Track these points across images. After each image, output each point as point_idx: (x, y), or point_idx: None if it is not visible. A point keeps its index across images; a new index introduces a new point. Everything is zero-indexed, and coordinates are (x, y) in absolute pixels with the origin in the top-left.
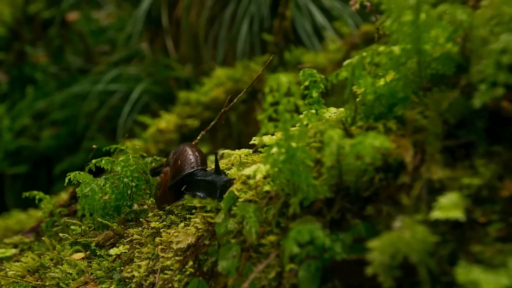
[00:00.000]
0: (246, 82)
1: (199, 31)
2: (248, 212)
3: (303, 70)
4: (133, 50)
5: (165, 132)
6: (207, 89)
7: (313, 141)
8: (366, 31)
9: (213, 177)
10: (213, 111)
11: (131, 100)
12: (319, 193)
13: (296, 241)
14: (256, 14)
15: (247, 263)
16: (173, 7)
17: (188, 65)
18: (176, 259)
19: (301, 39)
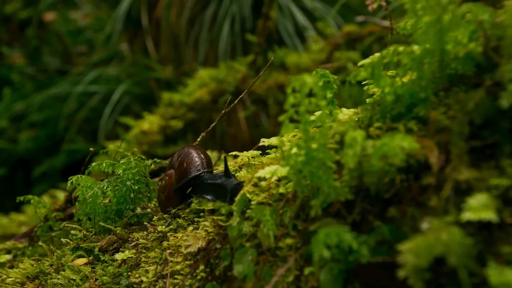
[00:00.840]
0: (230, 83)
1: (180, 32)
2: (265, 215)
3: (316, 71)
4: (113, 50)
5: (148, 134)
6: (191, 90)
7: (331, 142)
8: (349, 32)
9: (222, 180)
10: (197, 112)
11: (112, 101)
12: (340, 195)
13: (325, 244)
14: (237, 15)
15: (265, 267)
16: (153, 7)
17: (169, 66)
18: (186, 263)
19: (283, 39)
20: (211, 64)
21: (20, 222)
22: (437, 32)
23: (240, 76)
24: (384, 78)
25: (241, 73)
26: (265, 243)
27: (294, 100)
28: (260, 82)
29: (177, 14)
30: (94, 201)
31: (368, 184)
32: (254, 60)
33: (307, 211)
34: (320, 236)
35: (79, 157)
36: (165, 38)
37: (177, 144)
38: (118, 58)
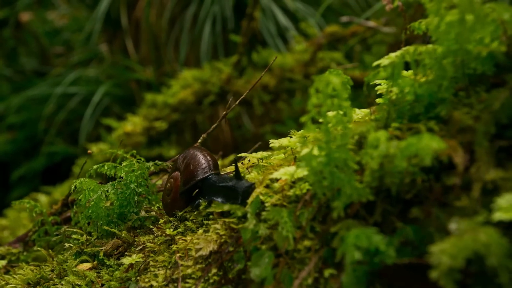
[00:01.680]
0: (214, 84)
1: (160, 32)
2: (283, 217)
3: (329, 70)
4: (92, 51)
5: (132, 135)
6: (174, 91)
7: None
8: (332, 32)
9: (233, 182)
10: (181, 113)
11: (93, 103)
12: (361, 196)
13: (356, 246)
14: (218, 15)
15: (285, 270)
16: (133, 7)
17: (149, 66)
18: (198, 267)
19: (265, 40)
20: (192, 65)
21: (2, 226)
22: (460, 31)
23: (224, 77)
24: (404, 78)
25: (225, 73)
26: (282, 245)
27: (317, 100)
28: (244, 82)
29: (157, 14)
30: (97, 205)
31: (389, 185)
32: (239, 61)
33: (323, 213)
34: (350, 239)
35: (58, 160)
36: (145, 38)
37: (161, 146)
38: (98, 59)
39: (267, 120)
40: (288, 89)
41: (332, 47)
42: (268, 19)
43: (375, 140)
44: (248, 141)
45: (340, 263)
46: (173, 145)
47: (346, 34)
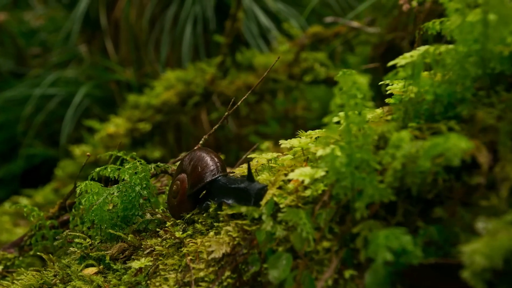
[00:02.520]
0: (198, 84)
1: (140, 32)
2: (301, 218)
3: (342, 71)
4: (71, 52)
5: (115, 137)
6: (158, 92)
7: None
8: (315, 33)
9: (245, 184)
10: (164, 114)
11: (73, 104)
12: (383, 197)
13: (388, 247)
14: (200, 15)
15: (305, 271)
16: (112, 7)
17: (130, 67)
18: (211, 269)
19: (247, 41)
20: (174, 65)
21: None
22: (483, 31)
23: (208, 78)
24: (424, 78)
25: (209, 74)
26: (300, 247)
27: (341, 101)
28: (228, 83)
29: (137, 14)
30: (101, 208)
31: (409, 185)
32: (223, 61)
33: (340, 213)
34: (381, 240)
35: (37, 162)
36: (125, 39)
37: (145, 147)
38: (76, 59)
39: (250, 121)
40: (272, 90)
41: (314, 47)
42: (249, 20)
43: (398, 140)
44: (231, 142)
45: (360, 264)
46: (156, 147)
47: (329, 35)
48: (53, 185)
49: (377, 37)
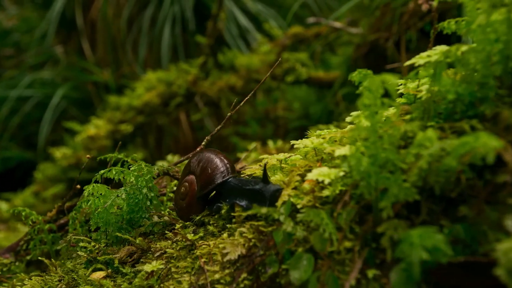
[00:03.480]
0: (181, 85)
1: (117, 33)
2: (323, 218)
3: (358, 71)
4: (46, 53)
5: (96, 139)
6: (139, 93)
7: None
8: (295, 33)
9: (260, 185)
10: (146, 116)
11: (51, 106)
12: (408, 196)
13: (423, 247)
14: (178, 16)
15: (328, 272)
16: (88, 8)
17: (107, 68)
18: (226, 272)
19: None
20: (152, 66)
21: None
22: (507, 30)
23: (191, 78)
24: (446, 78)
25: (191, 75)
26: (321, 247)
27: (368, 101)
28: (210, 84)
29: (114, 15)
30: (107, 211)
31: (433, 183)
32: (205, 62)
33: (359, 213)
34: (415, 239)
35: (13, 165)
36: (102, 39)
37: (127, 149)
38: (52, 61)
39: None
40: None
41: (294, 48)
42: (229, 21)
43: (424, 139)
44: (210, 143)
45: (382, 263)
46: (138, 148)
47: (309, 35)
48: (32, 188)
49: (359, 38)
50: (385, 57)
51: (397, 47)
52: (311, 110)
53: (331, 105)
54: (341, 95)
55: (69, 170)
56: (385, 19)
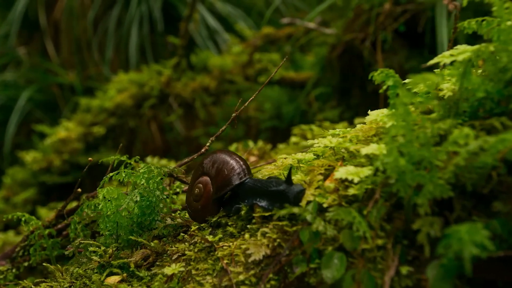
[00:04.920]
0: (154, 87)
1: (82, 34)
2: (355, 217)
3: (380, 70)
4: (8, 54)
5: (68, 142)
6: (111, 94)
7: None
8: (267, 34)
9: (283, 186)
10: (118, 118)
11: (17, 109)
12: (443, 193)
13: (473, 242)
14: (146, 16)
15: (363, 270)
16: (51, 8)
17: (73, 70)
18: (251, 273)
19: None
20: (120, 67)
21: None
22: None
23: (164, 80)
24: (474, 76)
25: (165, 76)
26: (351, 245)
27: (407, 99)
28: (184, 85)
29: (78, 15)
30: (119, 214)
31: (465, 180)
32: (178, 63)
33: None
34: (464, 235)
35: None
36: (67, 40)
37: (99, 152)
38: (15, 62)
39: (199, 123)
40: (227, 91)
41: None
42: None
43: (460, 136)
44: (181, 144)
45: (413, 260)
46: (111, 151)
47: (280, 36)
48: (1, 193)
49: (334, 38)
50: (360, 58)
51: (372, 47)
52: (284, 110)
53: (303, 105)
54: (314, 96)
55: (40, 174)
56: (359, 20)
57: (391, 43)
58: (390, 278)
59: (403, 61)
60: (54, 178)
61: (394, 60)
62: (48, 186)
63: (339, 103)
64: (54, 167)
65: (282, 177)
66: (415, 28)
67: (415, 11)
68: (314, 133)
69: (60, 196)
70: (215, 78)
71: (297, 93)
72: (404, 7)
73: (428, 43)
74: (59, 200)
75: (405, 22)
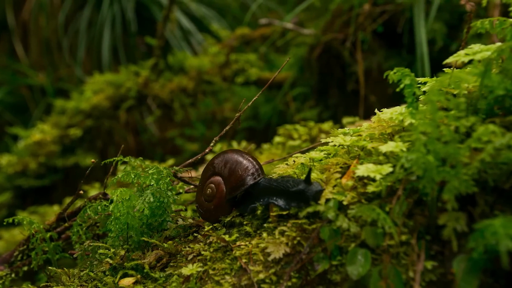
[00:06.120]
0: (131, 88)
1: (52, 35)
2: (379, 214)
3: (396, 69)
4: None
5: (43, 144)
6: (87, 96)
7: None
8: (242, 34)
9: (302, 186)
10: (95, 119)
11: None
12: (468, 188)
13: (509, 236)
14: (118, 17)
15: (389, 266)
16: (20, 8)
17: (43, 71)
18: (271, 271)
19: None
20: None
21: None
22: None
23: (141, 81)
24: (493, 74)
25: (142, 77)
26: (373, 242)
27: (436, 97)
28: (161, 86)
29: (47, 16)
30: (130, 215)
31: (487, 176)
32: (156, 64)
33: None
34: (499, 229)
35: None
36: (36, 41)
37: (76, 154)
38: None
39: (173, 124)
40: (205, 91)
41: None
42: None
43: (486, 133)
44: (155, 146)
45: (436, 254)
46: (88, 153)
47: (255, 36)
48: None
49: (313, 39)
50: (338, 58)
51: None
52: (261, 110)
53: (281, 105)
54: (291, 96)
55: (15, 177)
56: (339, 20)
57: (370, 44)
58: (420, 273)
59: (382, 61)
60: (30, 182)
61: (373, 60)
62: (24, 189)
63: (317, 103)
64: (30, 170)
65: (295, 176)
66: (393, 28)
67: (394, 11)
68: (300, 133)
69: (36, 199)
70: (192, 79)
71: (274, 94)
72: (383, 8)
73: (407, 43)
74: (35, 204)
75: (383, 23)
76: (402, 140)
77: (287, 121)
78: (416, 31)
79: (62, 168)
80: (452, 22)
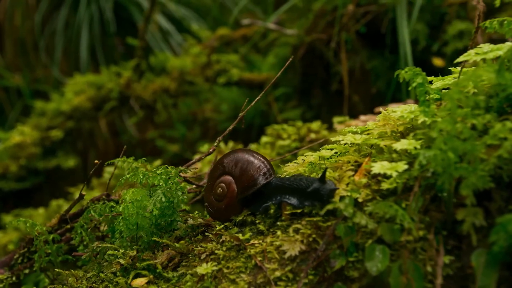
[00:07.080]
0: (113, 89)
1: (28, 35)
2: (397, 210)
3: (408, 68)
4: None
5: (24, 147)
6: (68, 97)
7: None
8: (222, 35)
9: (317, 184)
10: (76, 121)
11: None
12: (485, 184)
13: None
14: (96, 17)
15: (409, 261)
16: None
17: (18, 72)
18: (287, 269)
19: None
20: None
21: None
22: None
23: (123, 82)
24: (507, 73)
25: (124, 78)
26: (390, 238)
27: (457, 95)
28: (144, 87)
29: (23, 15)
30: (140, 216)
31: (502, 172)
32: (138, 64)
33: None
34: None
35: None
36: (11, 42)
37: (57, 156)
38: None
39: (152, 125)
40: (187, 92)
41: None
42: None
43: (503, 130)
44: (135, 147)
45: (452, 249)
46: (70, 155)
47: (236, 37)
48: None
49: (296, 39)
50: (321, 58)
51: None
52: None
53: (263, 106)
54: (273, 96)
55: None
56: (323, 21)
57: (353, 44)
58: (441, 268)
59: (365, 61)
60: (11, 184)
61: (356, 60)
62: (4, 192)
63: (300, 104)
64: (10, 173)
65: (306, 174)
66: (376, 29)
67: (377, 12)
68: (288, 133)
69: (17, 202)
70: (175, 80)
71: (256, 94)
72: (366, 9)
73: (389, 44)
74: (16, 207)
75: (366, 23)
76: (415, 138)
77: (270, 121)
78: (399, 31)
79: (43, 170)
80: (434, 22)
